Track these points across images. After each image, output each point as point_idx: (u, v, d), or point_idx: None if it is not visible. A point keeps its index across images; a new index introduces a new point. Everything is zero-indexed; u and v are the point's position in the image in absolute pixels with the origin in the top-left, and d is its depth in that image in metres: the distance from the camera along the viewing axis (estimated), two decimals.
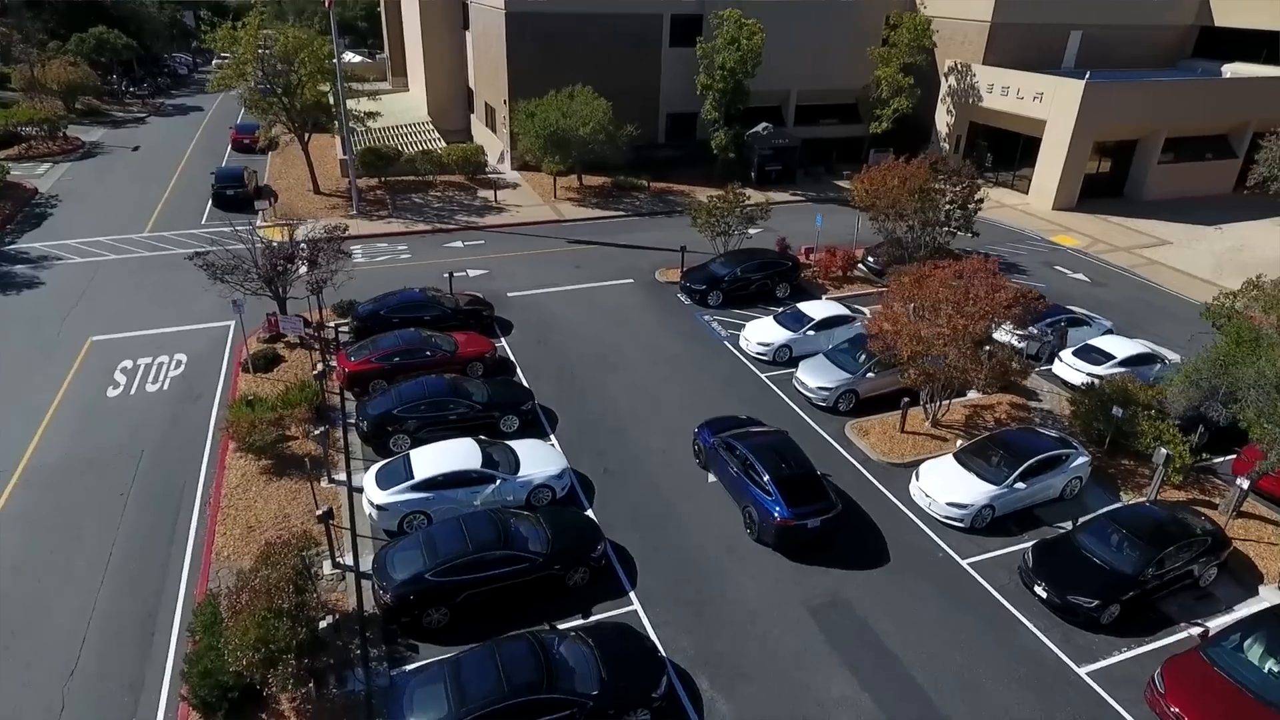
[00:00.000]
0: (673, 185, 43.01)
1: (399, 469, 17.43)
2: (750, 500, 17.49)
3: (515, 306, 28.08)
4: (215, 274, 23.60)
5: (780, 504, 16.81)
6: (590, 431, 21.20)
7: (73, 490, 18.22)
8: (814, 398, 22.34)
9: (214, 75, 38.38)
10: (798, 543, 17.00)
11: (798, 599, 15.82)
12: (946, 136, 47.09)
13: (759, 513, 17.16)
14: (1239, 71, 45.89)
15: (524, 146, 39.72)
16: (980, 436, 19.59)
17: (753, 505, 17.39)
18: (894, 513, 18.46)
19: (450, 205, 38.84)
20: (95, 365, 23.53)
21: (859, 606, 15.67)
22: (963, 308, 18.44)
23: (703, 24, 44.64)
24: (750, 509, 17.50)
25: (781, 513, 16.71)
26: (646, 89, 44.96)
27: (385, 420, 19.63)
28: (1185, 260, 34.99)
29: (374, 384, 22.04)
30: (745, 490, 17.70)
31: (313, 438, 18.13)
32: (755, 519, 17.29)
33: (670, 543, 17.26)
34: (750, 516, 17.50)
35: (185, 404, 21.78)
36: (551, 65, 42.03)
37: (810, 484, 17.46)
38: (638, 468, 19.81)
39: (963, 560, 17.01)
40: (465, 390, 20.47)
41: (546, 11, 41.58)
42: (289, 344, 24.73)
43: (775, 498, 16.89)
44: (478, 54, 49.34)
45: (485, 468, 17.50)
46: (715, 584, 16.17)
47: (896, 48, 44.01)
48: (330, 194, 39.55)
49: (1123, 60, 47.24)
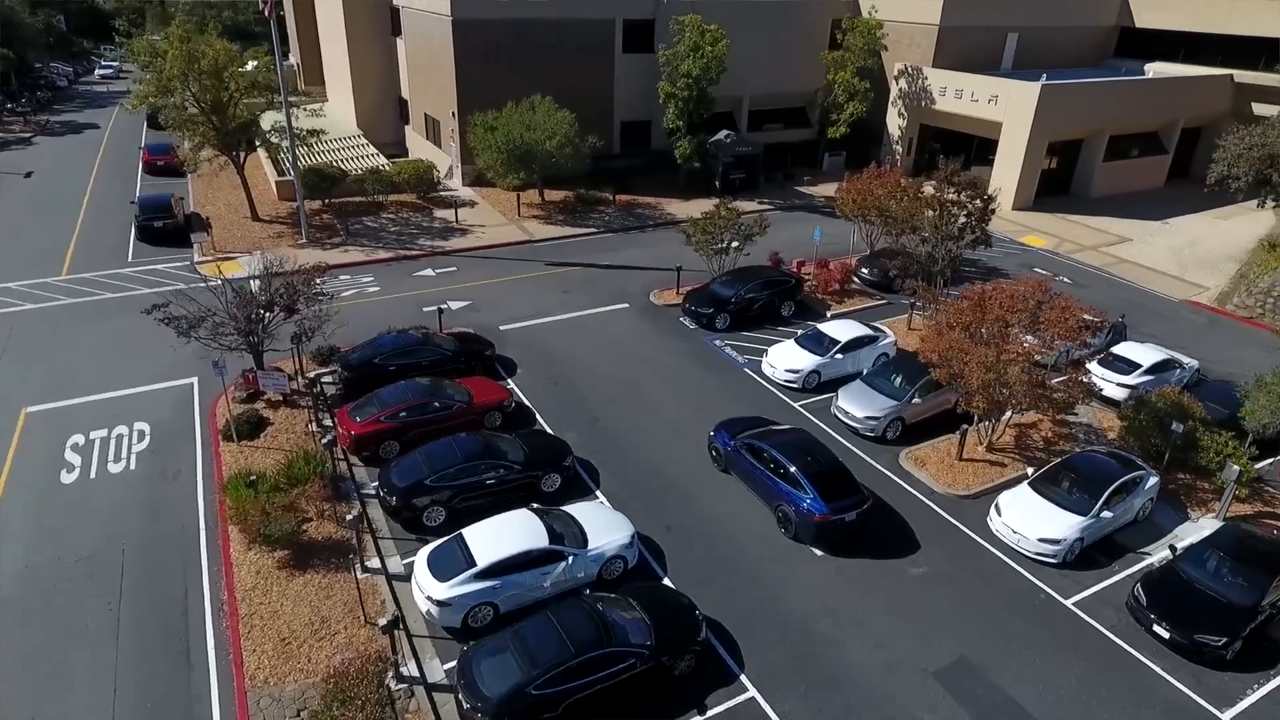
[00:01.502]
0: (638, 198, 41.36)
1: (455, 554, 15.19)
2: (783, 499, 17.57)
3: (512, 342, 25.85)
4: (183, 329, 20.44)
5: (818, 501, 16.99)
6: (635, 483, 19.40)
7: (47, 612, 15.07)
8: (861, 428, 21.28)
9: (133, 93, 34.03)
10: (836, 538, 17.19)
11: (920, 664, 14.61)
12: (899, 139, 47.37)
13: (795, 511, 17.25)
14: (1161, 71, 48.13)
15: (485, 162, 37.18)
16: (1051, 464, 18.94)
17: (786, 504, 17.47)
18: (979, 552, 17.55)
19: (408, 228, 35.92)
20: (38, 444, 19.95)
21: (984, 667, 14.59)
22: (1035, 331, 17.73)
23: (654, 30, 43.33)
24: (784, 508, 17.54)
25: (820, 509, 16.91)
26: (600, 97, 43.13)
27: (416, 492, 17.24)
28: (1149, 257, 36.09)
29: (384, 446, 19.56)
30: (776, 490, 17.80)
31: (347, 524, 15.60)
32: (792, 518, 17.36)
33: (764, 610, 15.73)
34: (785, 516, 17.57)
35: (161, 486, 18.64)
36: (501, 74, 39.68)
37: (842, 478, 17.75)
38: (699, 520, 18.18)
39: (1066, 600, 16.24)
40: (499, 449, 18.29)
41: (494, 18, 39.16)
42: (270, 402, 21.76)
43: (812, 495, 17.07)
44: (414, 62, 46.22)
45: (554, 544, 15.48)
46: (833, 656, 14.75)
47: (851, 51, 43.83)
48: (271, 220, 35.88)
49: (1053, 60, 48.72)
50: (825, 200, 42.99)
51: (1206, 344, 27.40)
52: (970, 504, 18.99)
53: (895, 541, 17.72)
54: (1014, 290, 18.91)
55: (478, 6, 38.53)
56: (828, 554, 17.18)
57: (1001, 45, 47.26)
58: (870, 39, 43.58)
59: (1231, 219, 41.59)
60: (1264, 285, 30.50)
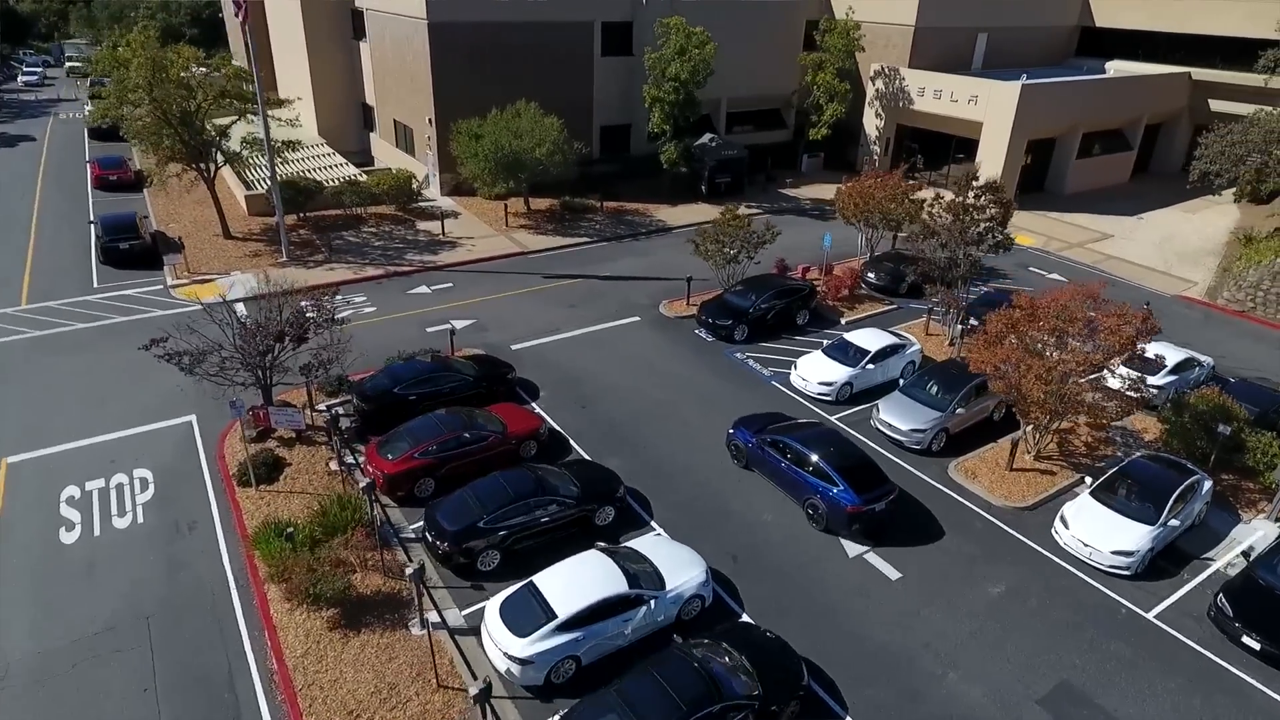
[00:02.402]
0: (624, 204, 40.43)
1: (530, 605, 14.09)
2: (812, 492, 17.90)
3: (527, 362, 24.66)
4: (186, 366, 18.73)
5: (849, 493, 17.34)
6: (688, 509, 18.55)
7: (70, 701, 13.39)
8: (907, 441, 20.84)
9: (93, 106, 31.45)
10: (867, 528, 17.49)
11: (1025, 693, 14.14)
12: (876, 140, 47.53)
13: (827, 504, 17.61)
14: (1122, 69, 49.47)
15: (471, 171, 35.73)
16: (1107, 472, 18.75)
17: (817, 497, 17.80)
18: (1049, 566, 17.23)
19: (393, 242, 34.23)
20: (29, 500, 17.99)
21: (1087, 691, 14.19)
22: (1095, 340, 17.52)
23: (633, 32, 42.48)
24: (814, 501, 17.88)
25: (852, 501, 17.26)
26: (579, 102, 42.02)
27: (469, 535, 16.03)
28: (1133, 252, 36.83)
29: (419, 484, 18.26)
30: (804, 483, 18.12)
31: (409, 578, 14.31)
32: (823, 510, 17.72)
33: (852, 643, 15.05)
34: (815, 509, 17.91)
35: (177, 541, 16.96)
36: (479, 79, 38.30)
37: (870, 470, 18.14)
38: (763, 546, 17.44)
39: (1147, 614, 16.03)
40: (551, 484, 17.19)
41: (471, 21, 37.71)
42: (282, 440, 20.16)
43: (843, 487, 17.43)
44: (382, 67, 44.28)
45: (633, 588, 14.50)
46: (937, 692, 14.15)
47: (830, 53, 43.71)
48: (245, 238, 33.73)
49: (1019, 60, 49.61)
50: (812, 202, 42.91)
51: (1204, 339, 27.88)
52: (1030, 517, 18.71)
53: (967, 559, 17.30)
54: (1066, 297, 18.69)
55: (454, 9, 37.05)
56: (904, 580, 16.64)
57: (972, 45, 47.86)
58: (849, 40, 43.54)
59: (1199, 212, 42.90)
60: (1253, 279, 31.34)
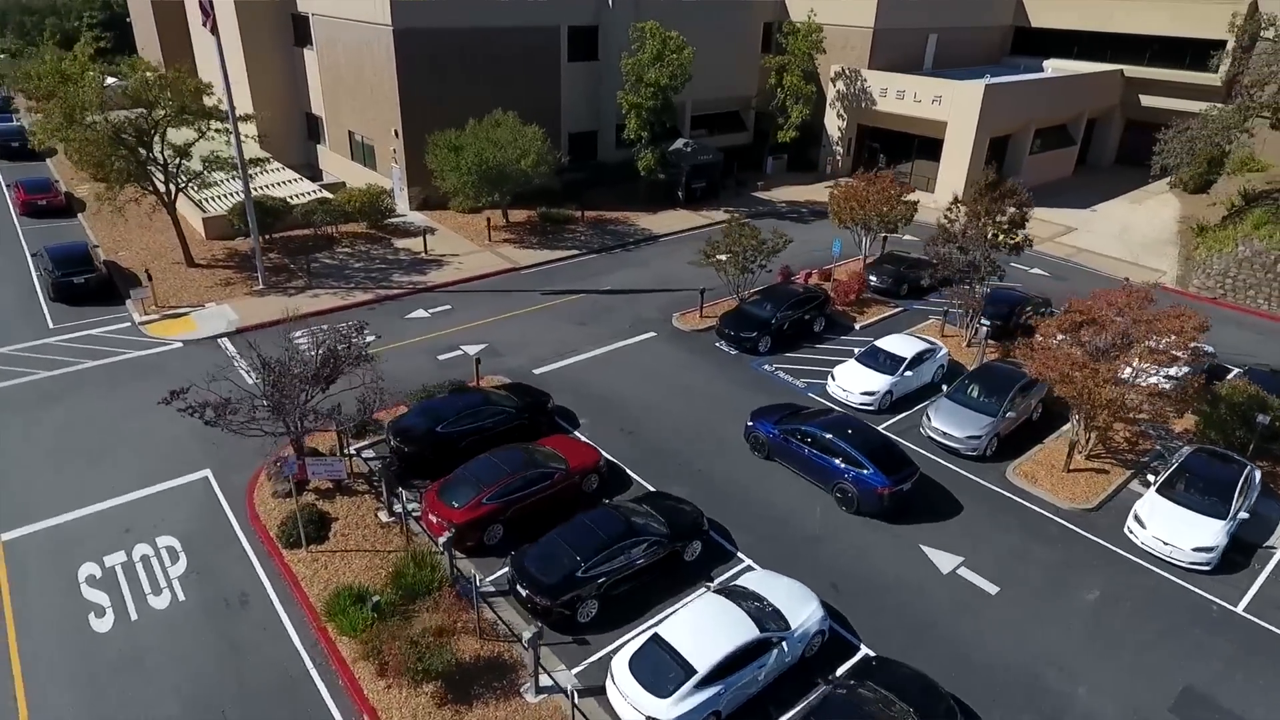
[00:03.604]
0: (603, 213, 39.46)
1: (663, 660, 13.17)
2: (841, 478, 18.69)
3: (553, 386, 23.45)
4: (213, 419, 16.82)
5: (879, 475, 18.23)
6: (771, 537, 17.94)
7: None
8: (963, 448, 20.84)
9: (37, 127, 28.21)
10: (895, 507, 18.38)
11: (1156, 705, 14.17)
12: (838, 140, 48.11)
13: (858, 487, 18.40)
14: (1060, 67, 51.67)
15: (450, 184, 34.04)
16: (1169, 468, 19.15)
17: (846, 482, 18.59)
18: (1131, 567, 17.45)
19: (373, 263, 32.23)
20: (41, 583, 15.79)
21: (1211, 694, 14.36)
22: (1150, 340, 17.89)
23: (598, 36, 41.54)
24: (844, 485, 18.65)
25: (882, 483, 18.16)
26: (547, 109, 40.71)
27: (568, 586, 14.93)
28: (1100, 244, 38.40)
29: (489, 532, 16.99)
30: (833, 469, 18.88)
31: (527, 644, 13.11)
32: (853, 494, 18.48)
33: (981, 673, 14.79)
34: (845, 493, 18.67)
35: (231, 618, 15.19)
36: (446, 88, 36.72)
37: (894, 452, 19.11)
38: (856, 570, 17.01)
39: (1236, 608, 16.42)
40: (640, 523, 16.26)
41: (437, 27, 35.98)
42: (319, 491, 18.45)
43: (873, 470, 18.28)
44: (333, 76, 41.76)
45: (763, 632, 13.79)
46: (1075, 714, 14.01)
47: (795, 55, 43.89)
48: (211, 265, 31.04)
49: (962, 59, 51.19)
50: (787, 205, 43.02)
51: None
52: (1097, 518, 18.97)
53: (1054, 567, 17.34)
54: (1123, 300, 19.03)
55: (420, 15, 35.25)
56: (1003, 593, 16.52)
57: (923, 46, 49.02)
58: (812, 42, 43.83)
59: (1144, 203, 45.22)
60: (1219, 268, 33.13)
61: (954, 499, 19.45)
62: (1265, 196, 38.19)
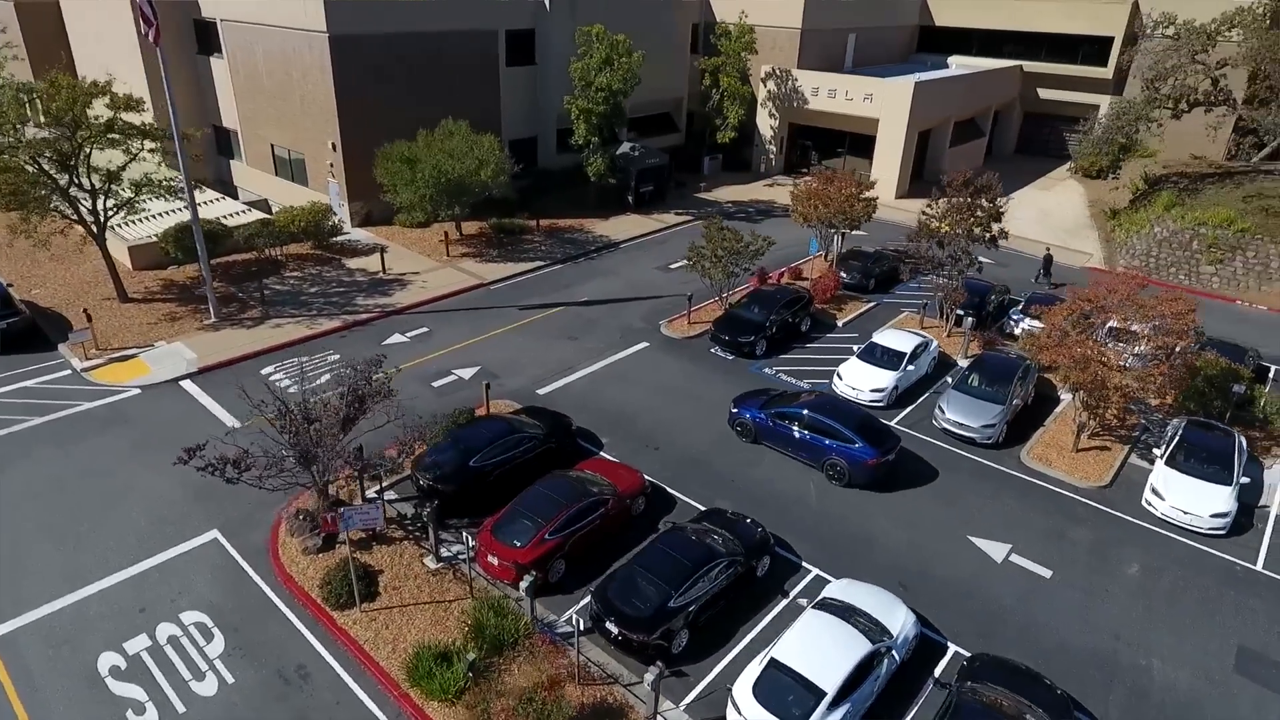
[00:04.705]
0: (556, 221, 38.58)
1: (790, 686, 12.91)
2: (831, 454, 19.76)
3: (562, 406, 22.62)
4: (235, 476, 15.22)
5: (868, 448, 19.43)
6: (829, 544, 17.98)
7: None
8: (979, 437, 21.59)
9: None
10: (882, 477, 19.70)
11: (1222, 668, 15.11)
12: (771, 139, 49.02)
13: (848, 461, 19.53)
14: (964, 64, 54.66)
15: (406, 199, 32.31)
16: (1171, 441, 20.44)
17: (836, 457, 19.68)
18: (1155, 537, 18.53)
19: (330, 286, 30.15)
20: (58, 682, 13.80)
21: (1261, 650, 15.44)
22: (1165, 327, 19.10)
23: (535, 40, 40.55)
24: (834, 461, 19.73)
25: (872, 455, 19.37)
26: (487, 115, 39.37)
27: (663, 618, 14.38)
28: (1025, 230, 40.59)
29: (552, 569, 16.18)
30: (823, 447, 19.92)
31: (652, 685, 12.49)
32: (844, 468, 19.60)
33: (1061, 657, 15.31)
34: (836, 468, 19.75)
35: (295, 696, 13.77)
36: (385, 98, 34.96)
37: (877, 426, 20.36)
38: (915, 567, 17.29)
39: (1256, 566, 17.76)
40: (719, 547, 15.88)
41: (375, 33, 34.09)
42: (354, 542, 17.01)
43: (862, 444, 19.45)
44: (251, 87, 38.77)
45: (874, 643, 13.77)
46: (1157, 685, 14.73)
47: (730, 57, 44.33)
48: (147, 299, 28.14)
49: (875, 58, 53.37)
50: (734, 205, 43.39)
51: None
52: (1111, 493, 20.10)
53: (1093, 545, 18.20)
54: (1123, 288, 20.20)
55: (355, 20, 33.26)
56: (1056, 576, 17.20)
57: (844, 46, 50.67)
58: (745, 43, 44.41)
59: (1051, 189, 48.48)
60: (1142, 248, 35.91)
61: (983, 487, 20.13)
62: (1164, 180, 41.83)
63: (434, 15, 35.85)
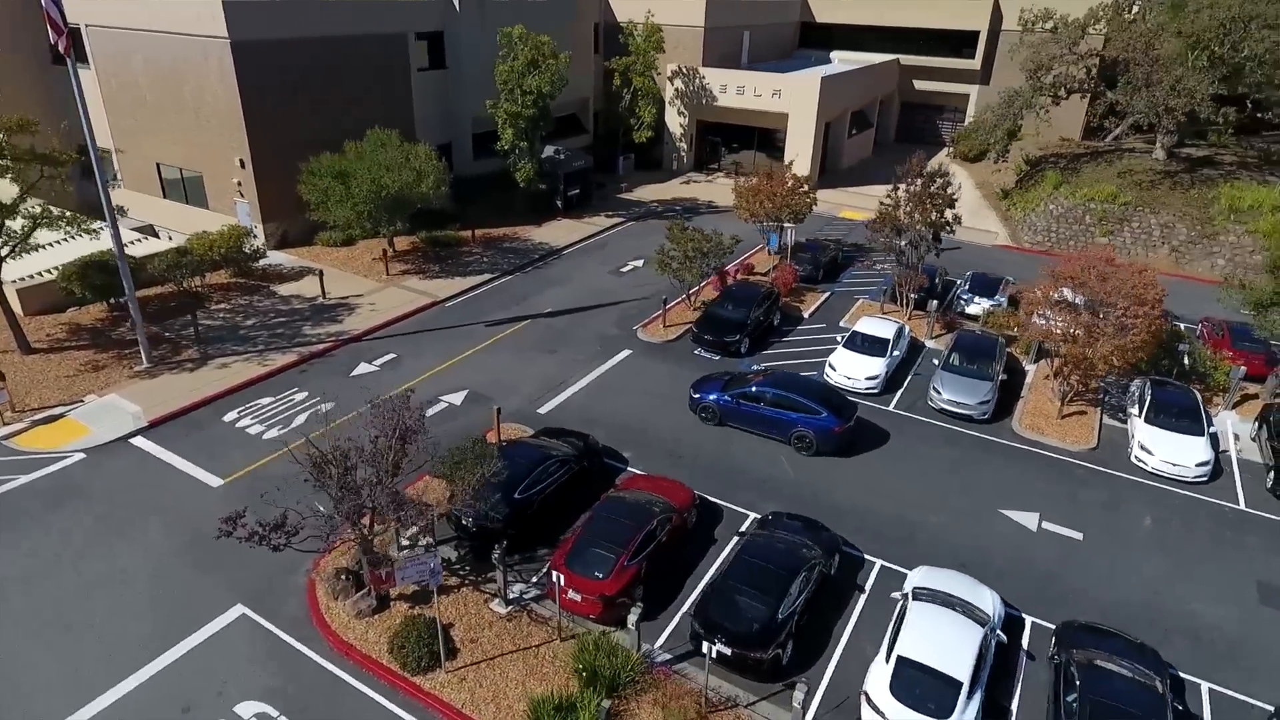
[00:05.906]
0: (489, 230, 37.05)
1: (927, 682, 13.00)
2: (798, 426, 20.81)
3: (566, 423, 21.72)
4: (284, 543, 13.51)
5: (833, 417, 20.72)
6: (880, 536, 18.30)
7: None
8: (975, 414, 22.68)
9: None
10: (846, 444, 20.98)
11: (1250, 603, 16.64)
12: (681, 137, 49.38)
13: (815, 432, 20.66)
14: (846, 58, 57.37)
15: (337, 216, 29.87)
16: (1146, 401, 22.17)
17: (804, 429, 20.75)
18: (1153, 491, 20.14)
19: (268, 317, 27.39)
20: None
21: (1274, 582, 17.21)
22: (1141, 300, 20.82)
23: (444, 43, 38.68)
24: (801, 432, 20.80)
25: (837, 423, 20.68)
26: (402, 124, 36.91)
27: (774, 632, 14.09)
28: None
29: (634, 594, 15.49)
30: (789, 420, 20.94)
31: (800, 704, 12.14)
32: (811, 438, 20.72)
33: (1112, 617, 16.36)
34: (804, 439, 20.83)
35: None
36: (293, 108, 32.31)
37: (838, 396, 21.93)
38: (974, 546, 17.95)
39: (1241, 506, 19.74)
40: (805, 554, 15.74)
41: (280, 38, 31.28)
42: (403, 597, 15.56)
43: (827, 415, 20.71)
44: (129, 99, 34.56)
45: (984, 626, 14.14)
46: (1205, 627, 16.01)
47: (640, 56, 44.19)
48: (56, 348, 24.39)
49: (765, 54, 55.03)
50: (660, 204, 43.34)
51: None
52: (1099, 454, 21.72)
53: (1106, 505, 19.56)
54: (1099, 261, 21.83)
55: (259, 25, 30.37)
56: (1087, 538, 18.35)
57: (740, 43, 51.80)
58: (654, 43, 44.44)
59: None
60: (1043, 225, 39.11)
61: (991, 460, 21.19)
62: (1043, 161, 45.79)
63: (339, 19, 33.37)
